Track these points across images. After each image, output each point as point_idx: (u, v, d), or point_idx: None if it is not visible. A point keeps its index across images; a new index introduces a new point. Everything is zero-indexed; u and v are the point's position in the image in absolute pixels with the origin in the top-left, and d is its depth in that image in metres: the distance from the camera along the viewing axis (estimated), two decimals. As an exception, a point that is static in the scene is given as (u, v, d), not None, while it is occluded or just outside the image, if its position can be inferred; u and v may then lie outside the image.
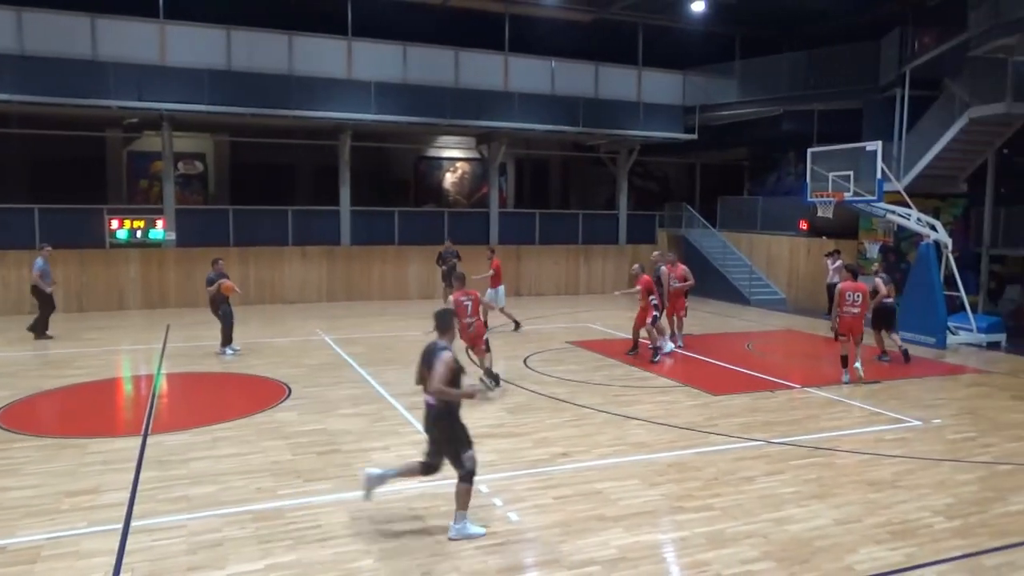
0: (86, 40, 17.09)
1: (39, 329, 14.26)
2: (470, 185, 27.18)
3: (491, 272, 15.58)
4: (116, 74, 17.08)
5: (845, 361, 11.30)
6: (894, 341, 13.05)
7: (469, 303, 10.38)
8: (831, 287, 18.34)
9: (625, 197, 24.33)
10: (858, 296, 11.23)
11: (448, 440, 5.80)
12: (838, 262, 17.38)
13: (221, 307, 12.81)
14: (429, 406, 5.82)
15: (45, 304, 14.39)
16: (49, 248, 15.07)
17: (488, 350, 10.58)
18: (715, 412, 9.56)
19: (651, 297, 12.76)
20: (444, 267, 18.12)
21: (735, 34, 23.09)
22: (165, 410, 9.62)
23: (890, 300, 12.93)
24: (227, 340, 12.93)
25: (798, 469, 7.45)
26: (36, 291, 14.39)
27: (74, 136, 19.75)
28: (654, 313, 12.78)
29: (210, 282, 12.74)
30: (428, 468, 5.99)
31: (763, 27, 23.10)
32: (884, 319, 13.02)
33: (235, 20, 18.53)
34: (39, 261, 14.47)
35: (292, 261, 20.05)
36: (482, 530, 5.85)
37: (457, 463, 5.78)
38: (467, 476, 5.74)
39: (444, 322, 6.04)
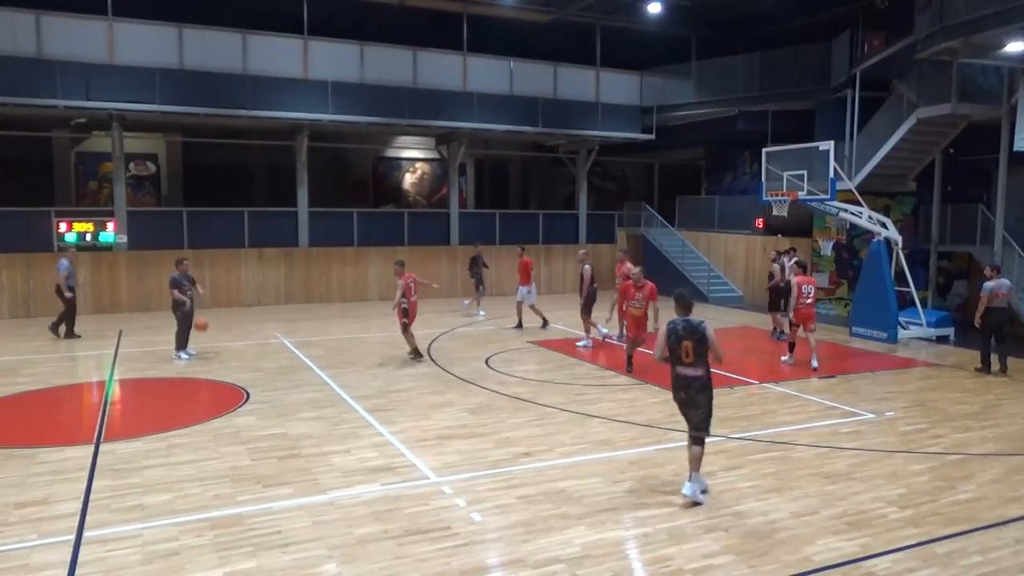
0: (31, 38, 16.60)
1: (62, 328, 14.62)
2: (430, 185, 27.08)
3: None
4: (63, 73, 16.62)
5: (792, 347, 12.67)
6: (779, 322, 14.81)
7: (412, 284, 12.32)
8: (785, 285, 18.66)
9: (585, 197, 24.48)
10: (810, 289, 12.37)
11: (708, 407, 6.56)
12: (795, 260, 17.68)
13: (180, 310, 12.58)
14: (694, 378, 6.51)
15: (68, 305, 14.66)
16: (74, 250, 15.67)
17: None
18: (675, 409, 9.59)
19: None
20: (474, 272, 19.00)
21: (691, 35, 23.40)
22: (118, 417, 9.38)
23: (784, 283, 14.41)
24: (182, 344, 12.67)
25: (756, 463, 7.57)
26: (60, 292, 14.58)
27: (19, 136, 19.17)
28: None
29: (175, 283, 12.52)
30: (698, 439, 6.60)
31: (718, 29, 23.45)
32: (777, 301, 14.92)
33: (187, 18, 18.18)
34: (64, 262, 14.67)
35: (249, 263, 19.73)
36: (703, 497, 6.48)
37: (706, 428, 6.55)
38: (703, 441, 6.55)
39: (688, 301, 6.76)
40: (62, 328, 14.66)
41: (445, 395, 10.26)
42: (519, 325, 16.05)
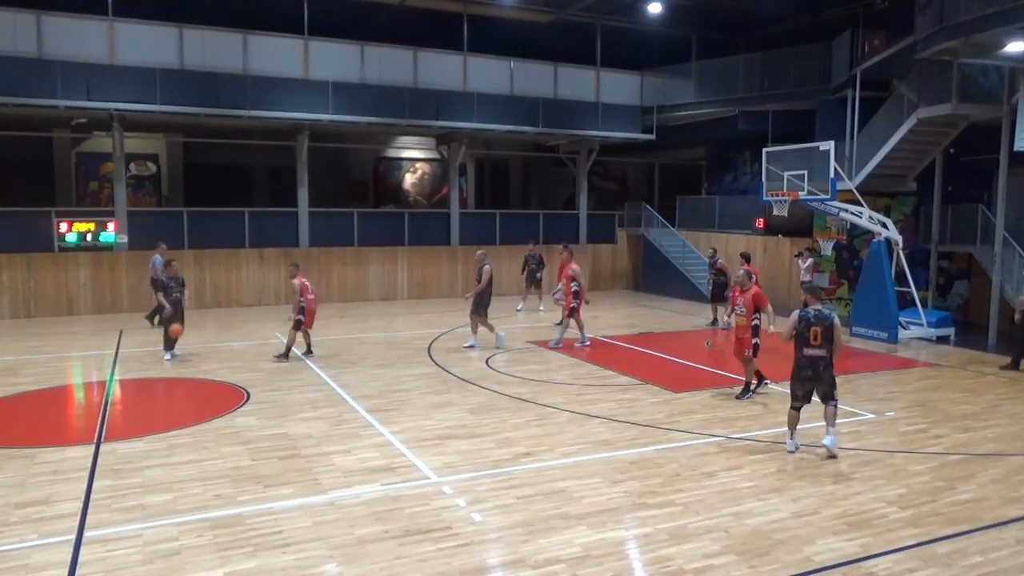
0: (31, 38, 16.59)
1: (157, 318, 14.92)
2: (430, 186, 27.07)
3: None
4: (63, 73, 16.59)
5: None
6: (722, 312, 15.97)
7: (308, 284, 12.81)
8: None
9: (585, 197, 24.46)
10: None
11: (832, 380, 7.89)
12: (809, 261, 17.72)
13: (163, 312, 12.53)
14: (820, 358, 7.81)
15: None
16: (164, 246, 16.06)
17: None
18: (676, 409, 9.66)
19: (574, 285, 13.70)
20: (528, 271, 19.43)
21: (691, 36, 23.39)
22: (119, 417, 9.38)
23: (722, 277, 16.59)
24: (169, 345, 12.53)
25: (757, 464, 7.57)
26: (155, 286, 14.69)
27: (20, 137, 19.16)
28: (572, 305, 13.67)
29: (161, 285, 12.54)
30: (799, 409, 8.07)
31: (718, 29, 23.44)
32: (719, 292, 16.41)
33: (187, 18, 18.17)
34: (157, 258, 15.37)
35: (249, 264, 19.72)
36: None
37: (834, 395, 7.92)
38: (836, 403, 7.98)
39: (820, 293, 8.42)
40: (157, 318, 14.93)
41: (445, 395, 10.27)
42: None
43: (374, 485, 6.87)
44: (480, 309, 13.62)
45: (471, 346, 13.62)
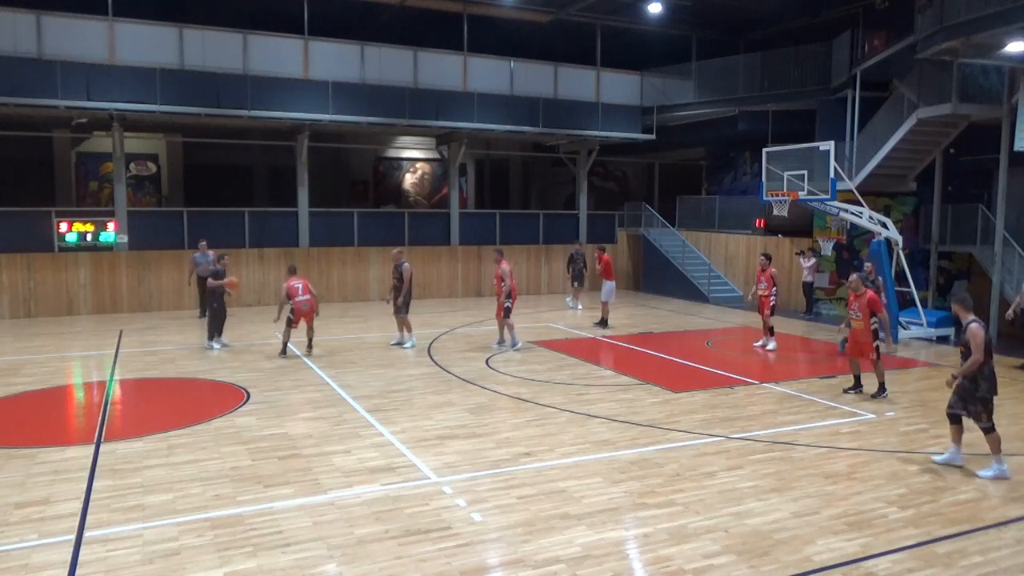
0: (31, 38, 16.60)
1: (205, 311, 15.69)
2: (430, 185, 27.09)
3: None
4: (63, 73, 16.60)
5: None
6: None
7: (299, 285, 12.86)
8: (807, 285, 18.77)
9: (585, 197, 24.47)
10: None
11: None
12: (812, 260, 17.69)
13: (218, 300, 13.29)
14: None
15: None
16: (204, 243, 16.99)
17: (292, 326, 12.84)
18: (676, 409, 9.66)
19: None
20: (573, 269, 19.68)
21: (691, 36, 23.39)
22: (119, 417, 9.38)
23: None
24: (217, 333, 13.51)
25: (757, 463, 7.57)
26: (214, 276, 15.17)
27: (20, 136, 19.18)
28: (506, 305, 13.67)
29: (216, 274, 13.33)
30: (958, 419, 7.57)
31: (719, 29, 23.45)
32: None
33: (187, 18, 18.19)
34: (197, 255, 16.41)
35: (249, 264, 19.72)
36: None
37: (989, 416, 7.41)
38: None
39: (968, 301, 7.60)
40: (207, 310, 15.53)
41: (446, 395, 10.27)
42: (603, 323, 16.36)
43: (374, 485, 6.87)
44: (403, 308, 13.86)
45: (399, 343, 13.97)
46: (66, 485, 6.82)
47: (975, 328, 7.26)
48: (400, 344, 13.90)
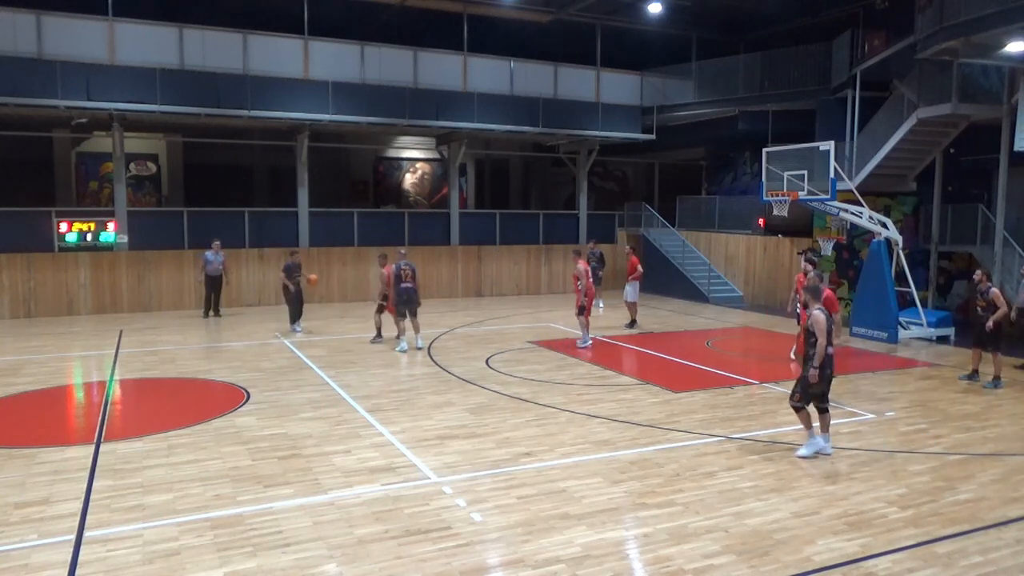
0: (31, 38, 16.60)
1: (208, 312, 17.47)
2: (430, 186, 27.09)
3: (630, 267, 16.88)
4: (63, 73, 16.61)
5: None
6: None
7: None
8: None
9: (585, 197, 24.48)
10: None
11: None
12: (811, 271, 17.67)
13: (288, 293, 15.09)
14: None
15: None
16: (218, 242, 17.44)
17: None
18: (676, 409, 9.66)
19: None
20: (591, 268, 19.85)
21: (691, 36, 23.40)
22: (119, 417, 9.38)
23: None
24: (297, 317, 15.21)
25: (757, 463, 7.57)
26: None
27: (20, 137, 19.19)
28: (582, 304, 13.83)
29: (286, 270, 15.06)
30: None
31: (719, 29, 23.45)
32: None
33: (187, 18, 18.19)
34: (208, 254, 17.08)
35: (249, 263, 19.72)
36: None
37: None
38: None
39: (819, 291, 8.18)
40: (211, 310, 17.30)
41: (446, 395, 10.27)
42: (632, 323, 16.46)
43: (374, 485, 6.87)
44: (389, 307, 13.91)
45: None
46: (66, 485, 6.82)
47: (817, 315, 7.65)
48: (389, 344, 13.88)
